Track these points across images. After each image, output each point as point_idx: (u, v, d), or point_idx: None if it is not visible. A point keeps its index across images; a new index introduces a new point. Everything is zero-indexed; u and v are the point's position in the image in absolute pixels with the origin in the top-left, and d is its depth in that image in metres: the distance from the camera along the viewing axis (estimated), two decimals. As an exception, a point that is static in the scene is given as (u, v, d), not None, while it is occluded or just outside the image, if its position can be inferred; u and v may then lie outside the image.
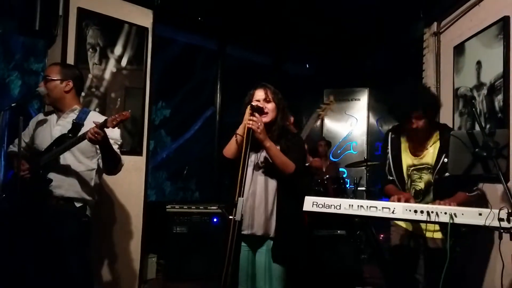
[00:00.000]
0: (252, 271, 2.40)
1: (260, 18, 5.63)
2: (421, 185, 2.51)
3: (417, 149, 2.54)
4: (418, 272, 2.58)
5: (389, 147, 2.65)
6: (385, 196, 2.66)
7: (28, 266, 2.53)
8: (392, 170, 2.61)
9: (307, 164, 3.35)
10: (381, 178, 2.76)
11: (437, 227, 2.36)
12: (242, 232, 2.35)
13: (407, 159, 2.57)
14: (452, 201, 2.26)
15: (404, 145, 2.61)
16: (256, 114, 2.24)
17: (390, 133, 2.70)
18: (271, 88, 2.45)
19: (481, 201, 2.41)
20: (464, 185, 2.36)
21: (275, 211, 2.37)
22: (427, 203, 2.46)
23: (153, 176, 8.40)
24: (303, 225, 2.60)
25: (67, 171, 2.58)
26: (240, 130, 2.32)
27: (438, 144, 2.47)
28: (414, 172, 2.54)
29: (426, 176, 2.49)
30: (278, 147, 2.40)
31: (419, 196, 2.53)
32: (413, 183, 2.55)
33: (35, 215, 2.52)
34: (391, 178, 2.62)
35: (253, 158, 2.39)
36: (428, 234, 2.46)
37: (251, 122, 2.20)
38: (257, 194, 2.37)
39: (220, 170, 3.01)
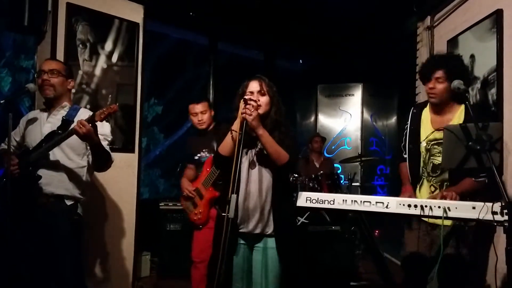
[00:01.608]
0: (248, 268, 2.38)
1: (251, 14, 5.60)
2: (440, 159, 2.49)
3: (441, 123, 2.52)
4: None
5: (409, 121, 2.66)
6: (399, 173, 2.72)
7: (20, 265, 2.50)
8: (407, 144, 2.62)
9: None
10: (397, 155, 2.80)
11: None
12: (240, 230, 2.34)
13: (427, 132, 2.57)
14: (456, 189, 2.27)
15: (426, 120, 2.61)
16: (250, 105, 2.18)
17: (412, 108, 2.71)
18: (266, 81, 2.40)
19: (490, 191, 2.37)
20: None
21: (272, 209, 2.35)
22: (444, 178, 2.49)
23: (147, 173, 8.35)
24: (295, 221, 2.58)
25: (56, 168, 2.54)
26: (235, 126, 2.26)
27: (462, 119, 2.45)
28: (435, 146, 2.53)
29: None
30: None
31: (437, 171, 2.52)
32: (431, 157, 2.54)
33: (26, 213, 2.49)
34: (405, 156, 2.65)
35: (247, 155, 2.36)
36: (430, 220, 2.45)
37: (244, 110, 2.15)
38: (253, 192, 2.34)
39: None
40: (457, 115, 2.51)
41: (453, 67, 2.43)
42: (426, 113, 2.63)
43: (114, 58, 3.82)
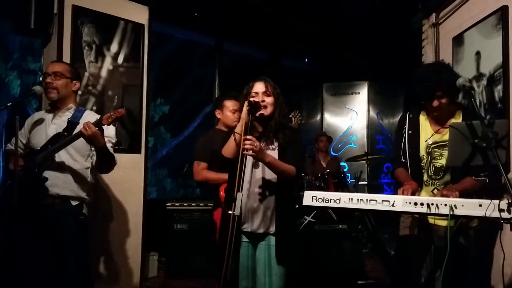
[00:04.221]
0: (252, 266, 2.39)
1: (257, 13, 5.60)
2: (441, 161, 2.49)
3: (440, 126, 2.52)
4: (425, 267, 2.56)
5: (406, 126, 2.64)
6: (395, 180, 2.68)
7: (25, 265, 2.52)
8: (407, 150, 2.60)
9: None
10: (392, 161, 2.76)
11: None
12: (243, 229, 2.34)
13: (427, 136, 2.55)
14: (456, 188, 2.25)
15: (425, 124, 2.59)
16: (249, 136, 2.16)
17: (408, 113, 2.69)
18: (271, 82, 2.41)
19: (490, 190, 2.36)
20: (476, 167, 2.30)
21: (275, 209, 2.36)
22: (447, 180, 2.48)
23: (154, 173, 8.39)
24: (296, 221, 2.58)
25: (62, 169, 2.57)
26: (238, 129, 2.27)
27: (461, 120, 2.44)
28: (435, 149, 2.51)
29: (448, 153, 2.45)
30: (276, 143, 2.37)
31: (439, 173, 2.51)
32: (433, 160, 2.53)
33: (32, 214, 2.52)
34: (403, 160, 2.61)
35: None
36: (431, 220, 2.44)
37: (246, 146, 2.11)
38: (256, 192, 2.35)
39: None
40: (456, 116, 2.50)
41: (448, 79, 2.40)
42: (424, 117, 2.62)
43: (120, 60, 3.84)
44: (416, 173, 2.56)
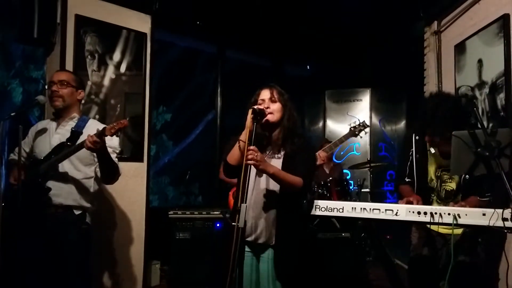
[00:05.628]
0: (256, 277, 2.36)
1: (258, 21, 5.62)
2: (452, 185, 2.46)
3: (447, 150, 2.42)
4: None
5: (413, 149, 2.56)
6: (399, 195, 2.62)
7: (28, 274, 2.51)
8: (414, 173, 2.54)
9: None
10: (397, 176, 2.73)
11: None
12: (246, 239, 2.30)
13: (436, 159, 2.51)
14: (467, 205, 2.22)
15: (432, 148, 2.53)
16: (252, 147, 2.12)
17: (414, 134, 2.60)
18: (278, 89, 2.39)
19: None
20: (492, 185, 2.27)
21: (276, 220, 2.32)
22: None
23: (156, 181, 8.39)
24: (302, 232, 2.52)
25: (65, 179, 2.57)
26: (243, 136, 2.25)
27: None
28: (444, 172, 2.48)
29: (457, 176, 2.44)
30: (283, 152, 2.35)
31: (450, 197, 2.48)
32: (443, 184, 2.50)
33: (35, 224, 2.51)
34: (408, 180, 2.56)
35: None
36: (433, 227, 2.43)
37: (248, 157, 2.09)
38: (259, 202, 2.32)
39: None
40: None
41: (445, 114, 2.32)
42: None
43: (122, 68, 3.86)
44: (423, 197, 2.47)
